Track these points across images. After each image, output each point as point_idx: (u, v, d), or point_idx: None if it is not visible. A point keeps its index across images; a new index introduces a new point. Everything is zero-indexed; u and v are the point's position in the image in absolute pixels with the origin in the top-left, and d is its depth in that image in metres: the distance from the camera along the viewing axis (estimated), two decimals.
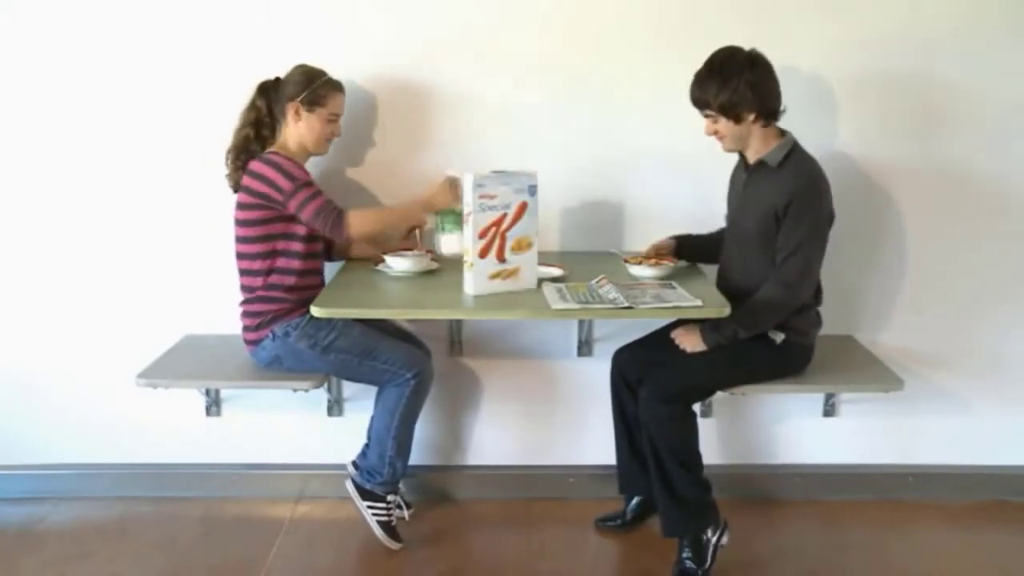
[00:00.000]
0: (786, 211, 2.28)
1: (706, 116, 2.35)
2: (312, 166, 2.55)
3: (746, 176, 2.43)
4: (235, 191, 2.50)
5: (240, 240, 2.48)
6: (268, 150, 2.47)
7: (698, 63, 2.33)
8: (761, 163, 2.36)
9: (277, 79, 2.52)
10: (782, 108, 2.34)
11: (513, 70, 2.68)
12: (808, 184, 2.31)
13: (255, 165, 2.42)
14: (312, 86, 2.47)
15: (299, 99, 2.46)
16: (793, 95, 2.66)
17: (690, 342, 2.39)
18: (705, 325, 2.35)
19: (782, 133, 2.38)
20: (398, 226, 2.51)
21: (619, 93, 2.66)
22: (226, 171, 2.52)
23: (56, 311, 2.81)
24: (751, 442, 2.93)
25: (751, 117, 2.30)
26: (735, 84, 2.26)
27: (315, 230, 2.42)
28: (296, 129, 2.49)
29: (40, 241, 2.77)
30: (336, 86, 2.52)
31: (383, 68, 2.67)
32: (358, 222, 2.41)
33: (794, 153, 2.34)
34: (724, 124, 2.32)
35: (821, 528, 2.76)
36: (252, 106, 2.51)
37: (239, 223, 2.46)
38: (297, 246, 2.45)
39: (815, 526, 2.77)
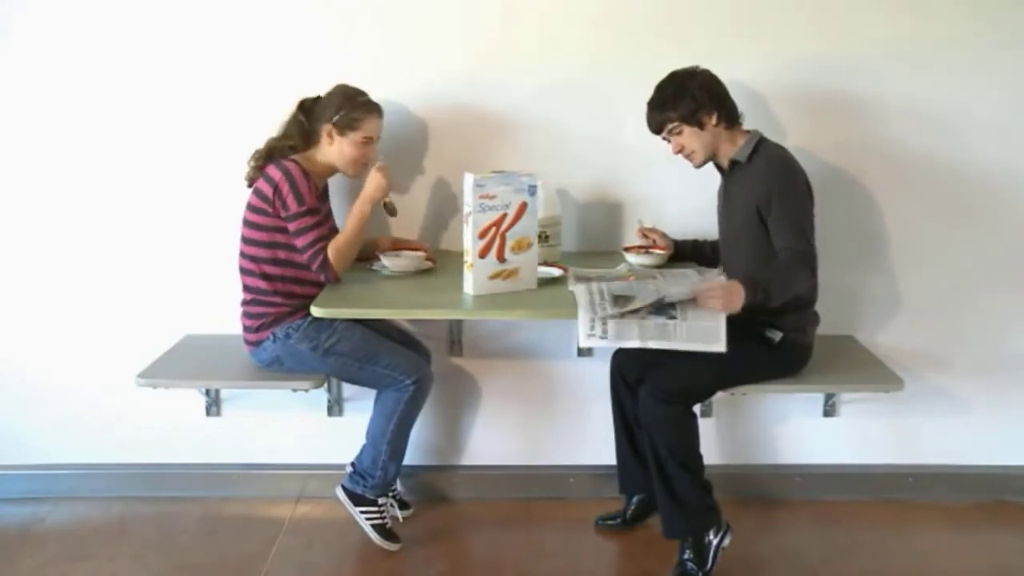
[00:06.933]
0: (768, 201, 2.31)
1: (670, 135, 2.41)
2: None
3: (724, 180, 2.49)
4: (249, 186, 2.49)
5: (246, 241, 2.47)
6: (291, 156, 2.45)
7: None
8: (734, 163, 2.42)
9: (317, 97, 2.50)
10: (740, 112, 2.41)
11: (515, 72, 2.68)
12: (780, 169, 2.35)
13: (272, 171, 2.41)
14: (347, 108, 2.45)
15: (332, 121, 2.44)
16: (794, 96, 2.68)
17: (733, 302, 2.16)
18: (747, 281, 2.17)
19: (747, 131, 2.43)
20: (362, 235, 2.47)
21: (624, 95, 2.65)
22: (247, 168, 2.50)
23: (56, 311, 2.81)
24: (751, 442, 2.93)
25: (713, 120, 2.36)
26: (690, 92, 2.34)
27: (305, 261, 2.41)
28: (328, 151, 2.48)
29: (40, 241, 2.77)
30: (372, 108, 2.48)
31: (385, 77, 2.66)
32: (338, 258, 2.40)
33: (761, 146, 2.39)
34: (689, 135, 2.38)
35: (821, 528, 2.76)
36: (294, 120, 2.49)
37: (247, 224, 2.46)
38: (300, 256, 2.44)
39: (815, 526, 2.77)
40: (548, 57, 2.67)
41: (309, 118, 2.49)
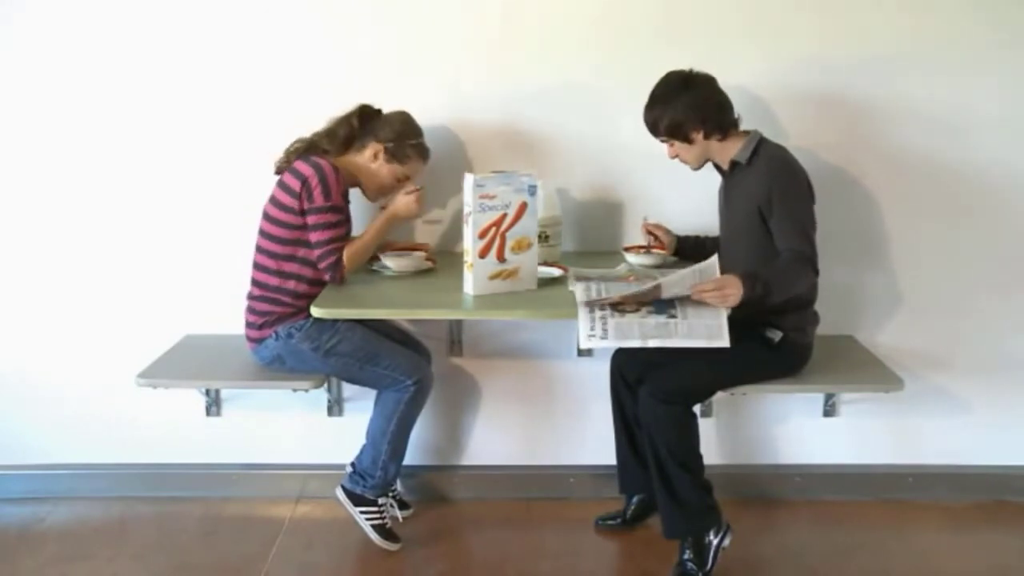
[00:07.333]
0: (770, 202, 2.30)
1: (663, 141, 2.41)
2: None
3: (725, 180, 2.49)
4: (276, 173, 2.50)
5: (264, 235, 2.47)
6: (323, 157, 2.45)
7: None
8: (735, 164, 2.41)
9: (379, 111, 2.53)
10: (736, 117, 2.39)
11: (515, 73, 2.68)
12: (781, 169, 2.34)
13: (301, 165, 2.42)
14: (403, 141, 2.48)
15: (385, 144, 2.47)
16: (795, 96, 2.68)
17: (728, 296, 2.14)
18: (745, 275, 2.15)
19: (746, 133, 2.42)
20: (376, 245, 2.51)
21: (624, 95, 2.65)
22: (281, 154, 2.51)
23: (56, 311, 2.81)
24: (751, 442, 2.93)
25: (700, 136, 2.36)
26: (675, 107, 2.33)
27: (314, 257, 2.42)
28: (367, 165, 2.50)
29: (40, 241, 2.77)
30: (423, 154, 2.53)
31: (384, 77, 2.67)
32: (350, 261, 2.42)
33: (762, 146, 2.39)
34: (679, 147, 2.39)
35: (821, 528, 2.76)
36: (346, 121, 2.50)
37: (268, 218, 2.46)
38: (312, 251, 2.43)
39: (815, 526, 2.77)
40: (548, 57, 2.67)
41: (363, 127, 2.50)
